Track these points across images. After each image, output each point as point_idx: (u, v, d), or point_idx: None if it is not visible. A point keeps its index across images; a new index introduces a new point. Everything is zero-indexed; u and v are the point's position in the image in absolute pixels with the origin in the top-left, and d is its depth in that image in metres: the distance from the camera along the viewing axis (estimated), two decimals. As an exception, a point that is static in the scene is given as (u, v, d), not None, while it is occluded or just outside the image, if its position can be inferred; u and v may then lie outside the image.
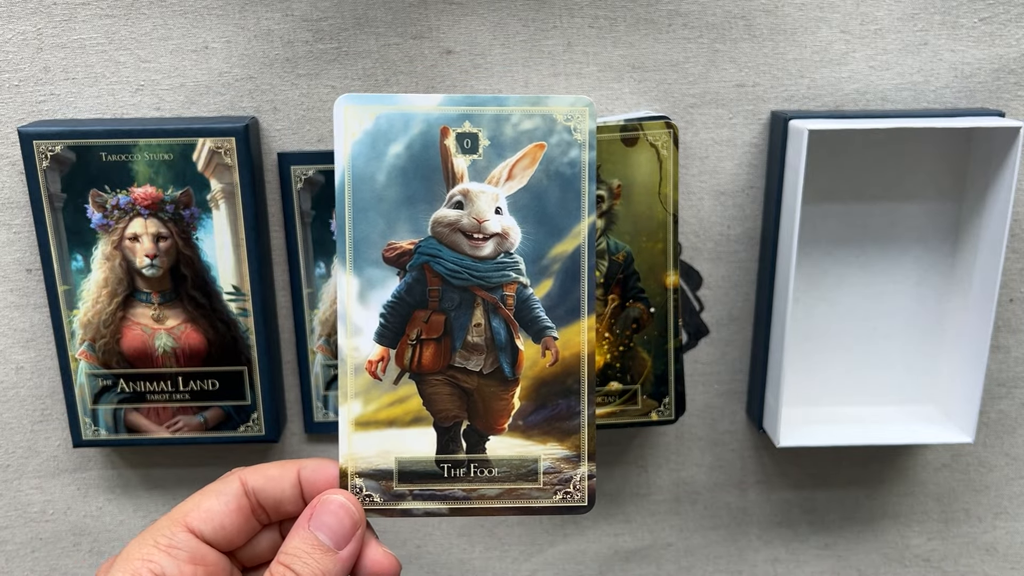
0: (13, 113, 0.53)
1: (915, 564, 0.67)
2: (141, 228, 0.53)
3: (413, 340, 0.36)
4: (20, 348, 0.58)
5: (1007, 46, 0.54)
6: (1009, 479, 0.64)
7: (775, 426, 0.56)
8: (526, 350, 0.36)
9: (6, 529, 0.62)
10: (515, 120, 0.35)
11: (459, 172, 0.35)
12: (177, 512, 0.35)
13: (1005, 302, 0.60)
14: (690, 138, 0.56)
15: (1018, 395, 0.62)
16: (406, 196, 0.35)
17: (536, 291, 0.35)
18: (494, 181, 0.35)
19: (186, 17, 0.52)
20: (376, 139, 0.35)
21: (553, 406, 0.36)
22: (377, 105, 0.35)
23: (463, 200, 0.35)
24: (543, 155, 0.35)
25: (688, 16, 0.53)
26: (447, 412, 0.36)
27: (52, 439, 0.60)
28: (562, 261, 0.35)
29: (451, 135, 0.35)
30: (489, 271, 0.35)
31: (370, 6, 0.53)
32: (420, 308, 0.36)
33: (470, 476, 0.36)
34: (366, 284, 0.35)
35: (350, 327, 0.36)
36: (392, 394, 0.36)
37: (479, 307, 0.36)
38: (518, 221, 0.35)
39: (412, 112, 0.35)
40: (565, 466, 0.36)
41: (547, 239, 0.35)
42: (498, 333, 0.36)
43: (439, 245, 0.35)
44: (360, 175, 0.35)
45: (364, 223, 0.35)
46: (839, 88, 0.55)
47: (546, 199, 0.35)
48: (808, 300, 0.59)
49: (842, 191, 0.57)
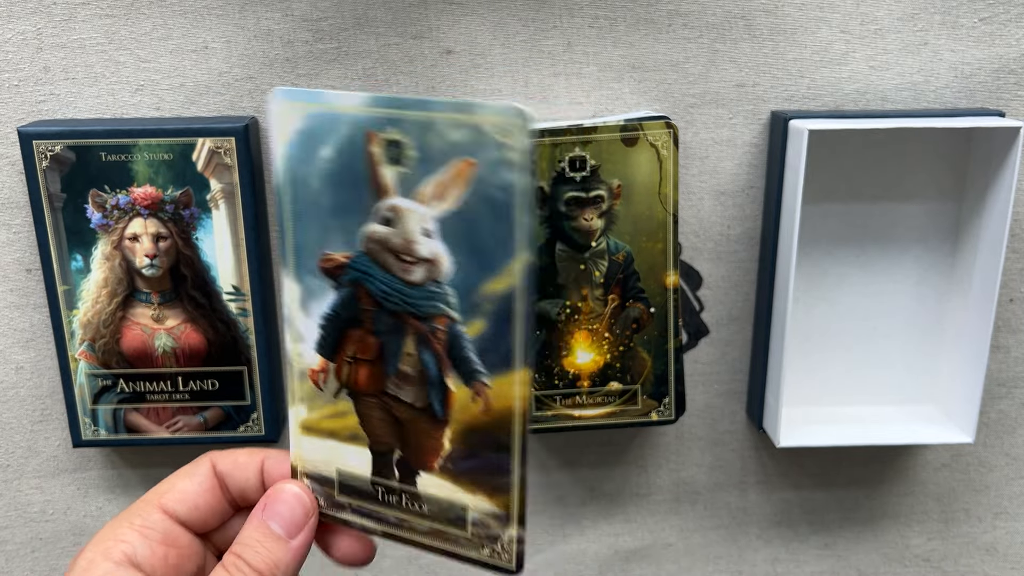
0: (13, 113, 0.53)
1: (915, 564, 0.67)
2: (141, 228, 0.53)
3: (349, 358, 0.35)
4: (20, 348, 0.58)
5: (1007, 46, 0.54)
6: (1009, 479, 0.64)
7: (775, 426, 0.56)
8: (457, 392, 0.33)
9: (6, 529, 0.62)
10: (440, 129, 0.30)
11: (386, 184, 0.32)
12: (152, 494, 0.36)
13: (1005, 302, 0.60)
14: (690, 138, 0.56)
15: (1018, 395, 0.62)
16: (338, 204, 0.32)
17: (468, 330, 0.32)
18: (423, 198, 0.31)
19: (186, 17, 0.52)
20: (309, 139, 0.32)
21: (484, 458, 0.33)
22: (307, 103, 0.32)
23: (392, 216, 0.32)
24: (474, 175, 0.30)
25: (688, 16, 0.53)
26: (380, 438, 0.35)
27: (52, 439, 0.60)
28: (495, 301, 0.31)
29: (376, 141, 0.31)
30: (419, 299, 0.33)
31: (370, 6, 0.53)
32: (354, 327, 0.34)
33: (402, 505, 0.35)
34: (307, 293, 0.34)
35: (295, 332, 0.35)
36: (333, 406, 0.35)
37: (410, 336, 0.33)
38: (449, 248, 0.32)
39: (339, 113, 0.32)
40: (493, 523, 0.34)
41: (478, 273, 0.31)
42: (428, 367, 0.33)
43: (371, 263, 0.33)
44: (296, 177, 0.33)
45: (301, 230, 0.33)
46: (839, 88, 0.55)
47: (478, 226, 0.30)
48: (808, 300, 0.59)
49: (842, 191, 0.57)
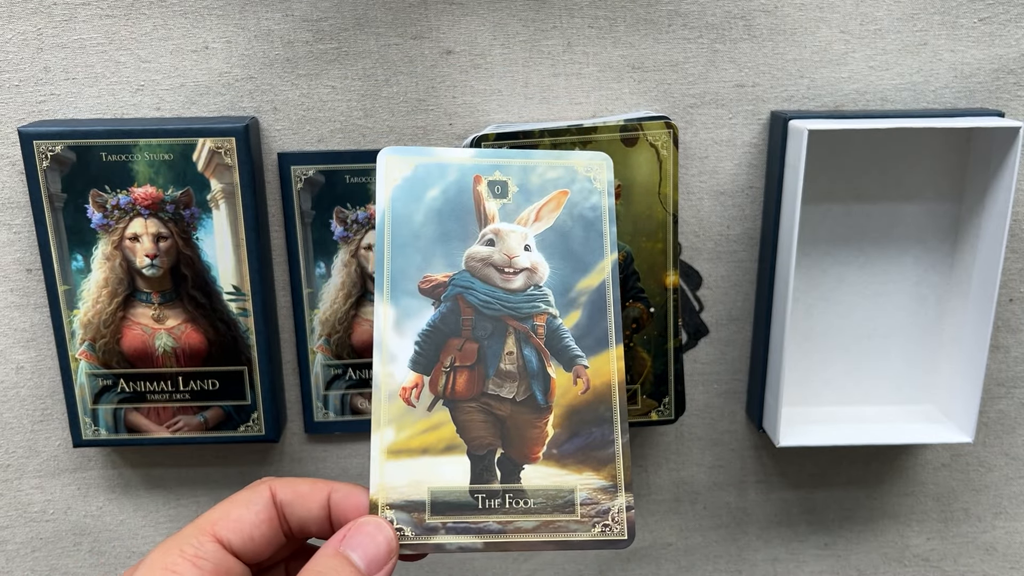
0: (13, 113, 0.54)
1: (914, 564, 0.67)
2: (141, 228, 0.53)
3: (447, 367, 0.37)
4: (20, 348, 0.58)
5: (1007, 46, 0.55)
6: (1008, 479, 0.65)
7: (775, 426, 0.56)
8: (558, 378, 0.37)
9: (6, 529, 0.62)
10: (541, 171, 0.38)
11: (491, 214, 0.38)
12: (204, 520, 0.34)
13: (1005, 302, 0.60)
14: (690, 138, 0.56)
15: (1017, 395, 0.62)
16: (442, 233, 0.38)
17: (565, 322, 0.37)
18: (523, 222, 0.38)
19: (186, 17, 0.52)
20: (415, 184, 0.38)
21: (587, 434, 0.36)
22: (416, 156, 0.38)
23: (494, 238, 0.38)
24: (567, 200, 0.38)
25: (688, 16, 0.53)
26: (481, 439, 0.36)
27: (52, 439, 0.60)
28: (588, 294, 0.37)
29: (483, 182, 0.38)
30: (520, 302, 0.37)
31: (370, 6, 0.53)
32: (454, 336, 0.37)
33: (505, 507, 0.36)
34: (402, 313, 0.37)
35: (386, 354, 0.36)
36: (426, 421, 0.36)
37: (511, 336, 0.37)
38: (546, 257, 0.38)
39: (448, 163, 0.38)
40: (602, 497, 0.36)
41: (573, 274, 0.38)
42: (530, 361, 0.37)
43: (472, 278, 0.37)
44: (399, 215, 0.38)
45: (401, 257, 0.37)
46: (839, 88, 0.55)
47: (571, 238, 0.38)
48: (808, 300, 0.59)
49: (842, 191, 0.57)
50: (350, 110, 0.54)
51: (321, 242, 0.56)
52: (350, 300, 0.56)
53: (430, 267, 0.37)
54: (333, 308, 0.57)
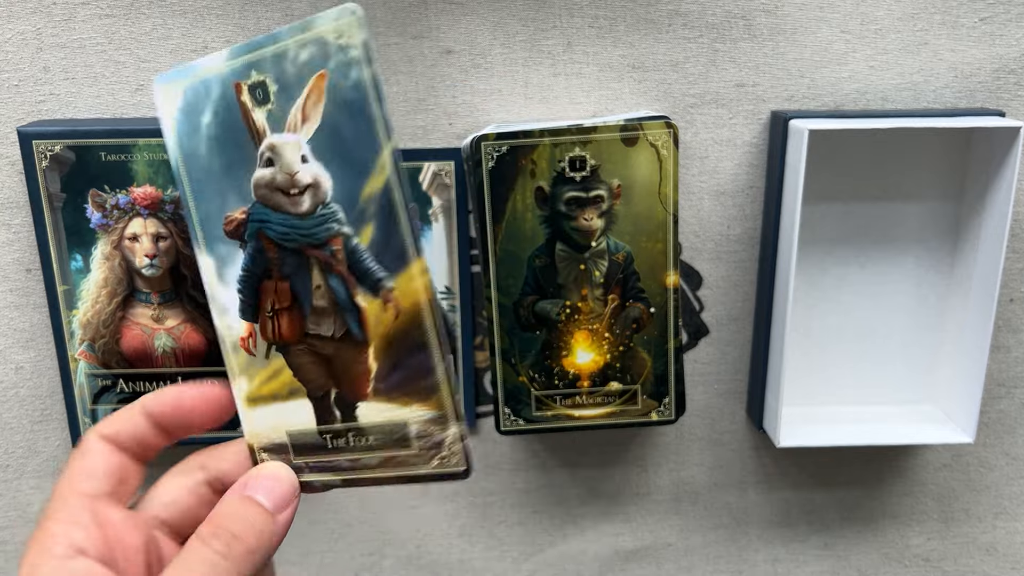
0: (12, 113, 0.53)
1: (915, 564, 0.67)
2: (141, 228, 0.53)
3: (270, 312, 0.35)
4: (20, 348, 0.58)
5: (1007, 46, 0.54)
6: (1009, 479, 0.64)
7: (775, 426, 0.56)
8: (368, 307, 0.34)
9: (6, 529, 0.62)
10: (292, 54, 0.32)
11: (260, 126, 0.33)
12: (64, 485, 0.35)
13: (1005, 302, 0.60)
14: (690, 138, 0.56)
15: (1018, 395, 0.62)
16: (226, 164, 0.34)
17: (360, 240, 0.33)
18: (292, 128, 0.33)
19: (186, 17, 0.52)
20: (189, 113, 0.33)
21: (407, 364, 0.34)
22: (182, 79, 0.33)
23: (272, 156, 0.33)
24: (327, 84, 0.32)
25: (688, 16, 0.53)
26: (314, 382, 0.36)
27: (52, 439, 0.60)
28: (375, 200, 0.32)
29: (244, 90, 0.33)
30: (312, 227, 0.34)
31: (370, 6, 0.53)
32: (267, 278, 0.35)
33: (350, 445, 0.36)
34: (219, 262, 0.35)
35: (218, 306, 0.35)
36: (267, 368, 0.36)
37: (315, 268, 0.34)
38: (324, 165, 0.33)
39: (209, 76, 0.33)
40: (434, 428, 0.35)
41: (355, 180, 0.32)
42: (338, 292, 0.34)
43: (265, 208, 0.34)
44: (187, 153, 0.34)
45: (203, 201, 0.34)
46: (839, 88, 0.55)
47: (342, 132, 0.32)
48: (808, 300, 0.59)
49: (842, 191, 0.57)
50: (350, 110, 0.54)
51: (321, 242, 0.55)
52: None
53: (227, 205, 0.34)
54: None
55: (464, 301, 0.57)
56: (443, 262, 0.57)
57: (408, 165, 0.55)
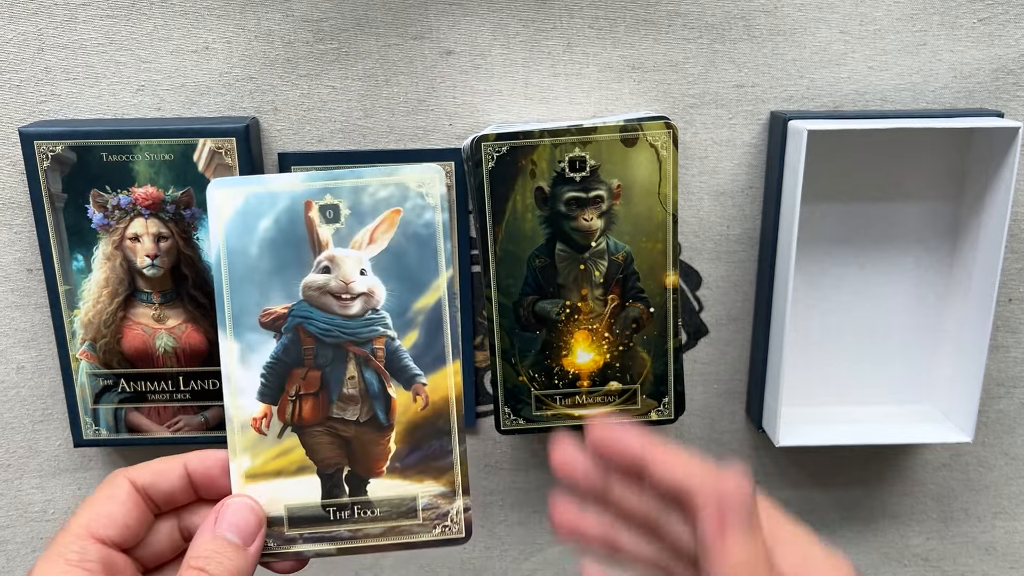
0: (14, 113, 0.54)
1: (914, 563, 0.67)
2: (142, 228, 0.53)
3: (292, 396, 0.38)
4: (21, 348, 0.58)
5: (1006, 47, 0.55)
6: (1008, 479, 0.65)
7: (774, 426, 0.56)
8: (398, 397, 0.39)
9: (7, 528, 0.62)
10: (372, 190, 0.38)
11: (324, 240, 0.38)
12: (77, 525, 0.35)
13: (1004, 302, 0.60)
14: (689, 138, 0.56)
15: (1017, 395, 0.62)
16: (278, 264, 0.38)
17: (404, 341, 0.38)
18: (357, 246, 0.38)
19: (187, 18, 0.52)
20: (247, 216, 0.38)
21: (427, 447, 0.38)
22: (246, 186, 0.38)
23: (329, 265, 0.38)
24: (400, 219, 0.38)
25: (688, 17, 0.53)
26: (328, 459, 0.39)
27: (53, 439, 0.60)
28: (425, 313, 0.38)
29: (314, 207, 0.38)
30: (358, 327, 0.38)
31: (370, 7, 0.53)
32: (297, 366, 0.38)
33: (354, 517, 0.39)
34: (246, 348, 0.38)
35: (234, 388, 0.38)
36: (277, 447, 0.39)
37: (351, 361, 0.38)
38: (382, 279, 0.38)
39: (279, 190, 0.38)
40: (442, 501, 0.39)
41: (409, 294, 0.38)
42: (371, 383, 0.39)
43: (310, 308, 0.38)
44: (234, 249, 0.38)
45: (240, 292, 0.38)
46: (838, 88, 0.55)
47: (406, 258, 0.38)
48: (807, 300, 0.59)
49: (841, 191, 0.57)
50: (350, 110, 0.54)
51: (321, 242, 0.56)
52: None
53: (268, 300, 0.38)
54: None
55: (464, 301, 0.58)
56: None
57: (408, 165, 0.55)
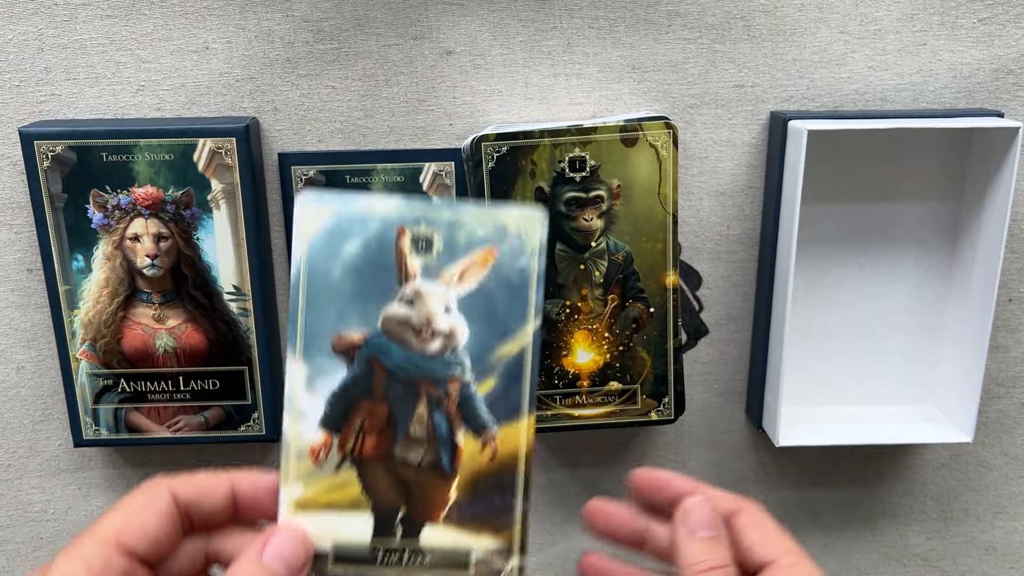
0: (14, 113, 0.54)
1: (914, 563, 0.67)
2: (142, 228, 0.53)
3: (356, 428, 0.37)
4: (21, 348, 0.58)
5: (1006, 47, 0.55)
6: (1008, 478, 0.65)
7: (774, 425, 0.56)
8: (465, 445, 0.37)
9: (7, 528, 0.62)
10: (469, 228, 0.36)
11: (412, 271, 0.36)
12: (106, 530, 0.33)
13: (1004, 302, 0.60)
14: (689, 138, 0.56)
15: (1017, 395, 0.62)
16: (359, 290, 0.36)
17: (480, 388, 0.36)
18: (446, 282, 0.36)
19: (187, 18, 0.52)
20: (334, 235, 0.36)
21: (488, 501, 0.37)
22: (337, 204, 0.36)
23: (414, 298, 0.36)
24: (494, 262, 0.36)
25: (688, 17, 0.53)
26: (385, 500, 0.37)
27: (53, 439, 0.60)
28: (506, 361, 0.36)
29: (407, 235, 0.36)
30: (434, 367, 0.36)
31: (370, 7, 0.53)
32: (365, 398, 0.37)
33: (402, 563, 0.37)
34: (315, 371, 0.36)
35: (296, 412, 0.36)
36: (333, 479, 0.37)
37: (422, 400, 0.37)
38: (467, 320, 0.36)
39: (370, 212, 0.36)
40: (496, 558, 0.37)
41: (493, 340, 0.36)
42: (439, 427, 0.37)
43: (388, 340, 0.36)
44: (315, 269, 0.36)
45: (316, 314, 0.36)
46: (838, 88, 0.55)
47: (495, 302, 0.36)
48: (807, 300, 0.59)
49: (841, 191, 0.57)
50: (350, 110, 0.54)
51: (321, 242, 0.56)
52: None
53: (345, 325, 0.36)
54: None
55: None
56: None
57: (408, 165, 0.55)
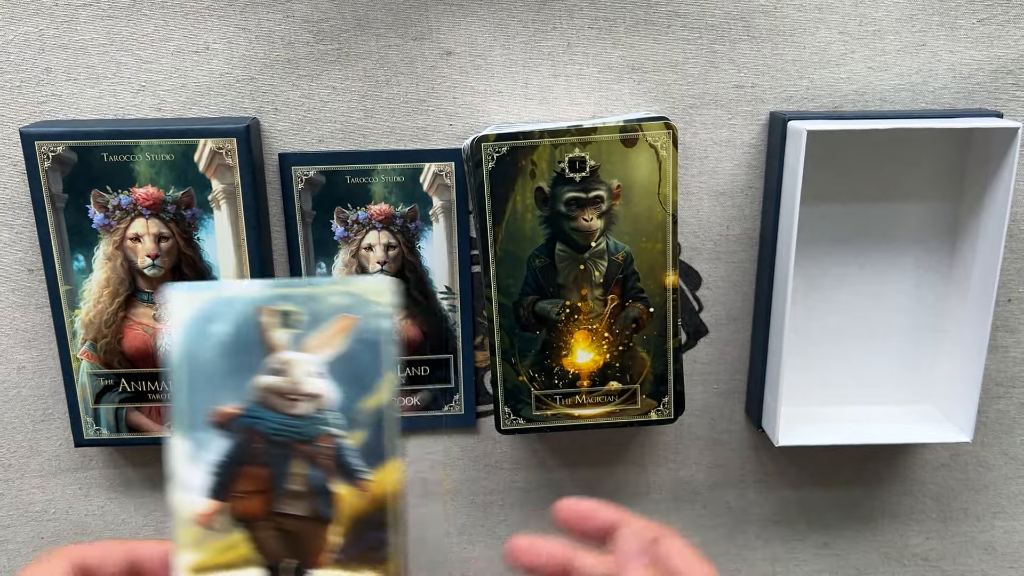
0: (15, 114, 0.54)
1: (914, 563, 0.67)
2: (143, 228, 0.53)
3: (240, 493, 0.40)
4: (22, 348, 0.58)
5: (1005, 47, 0.55)
6: (1007, 478, 0.65)
7: (774, 425, 0.57)
8: (344, 493, 0.40)
9: (8, 528, 0.62)
10: (324, 298, 0.40)
11: (278, 344, 0.40)
12: None
13: (1003, 302, 0.60)
14: (689, 139, 0.56)
15: (1016, 395, 0.62)
16: (232, 366, 0.40)
17: (351, 438, 0.40)
18: (312, 349, 0.40)
19: (187, 18, 0.52)
20: (203, 320, 0.39)
21: (366, 539, 0.40)
22: (204, 292, 0.40)
23: (282, 368, 0.40)
24: (355, 326, 0.40)
25: (687, 17, 0.54)
26: (273, 554, 0.40)
27: (54, 438, 0.60)
28: (372, 413, 0.40)
29: (269, 313, 0.40)
30: (305, 426, 0.40)
31: (370, 7, 0.53)
32: (246, 463, 0.40)
33: None
34: (196, 446, 0.40)
35: (182, 484, 0.39)
36: (224, 541, 0.40)
37: (298, 459, 0.40)
38: (335, 381, 0.40)
39: (235, 296, 0.40)
40: None
41: (359, 394, 0.40)
42: (315, 480, 0.40)
43: (261, 408, 0.40)
44: (190, 352, 0.39)
45: (192, 393, 0.40)
46: (838, 89, 0.55)
47: (357, 361, 0.40)
48: (807, 300, 0.59)
49: (841, 191, 0.57)
50: (350, 111, 0.55)
51: (322, 242, 0.56)
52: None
53: (220, 400, 0.40)
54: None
55: (464, 301, 0.58)
56: (443, 262, 0.57)
57: (409, 166, 0.55)
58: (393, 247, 0.56)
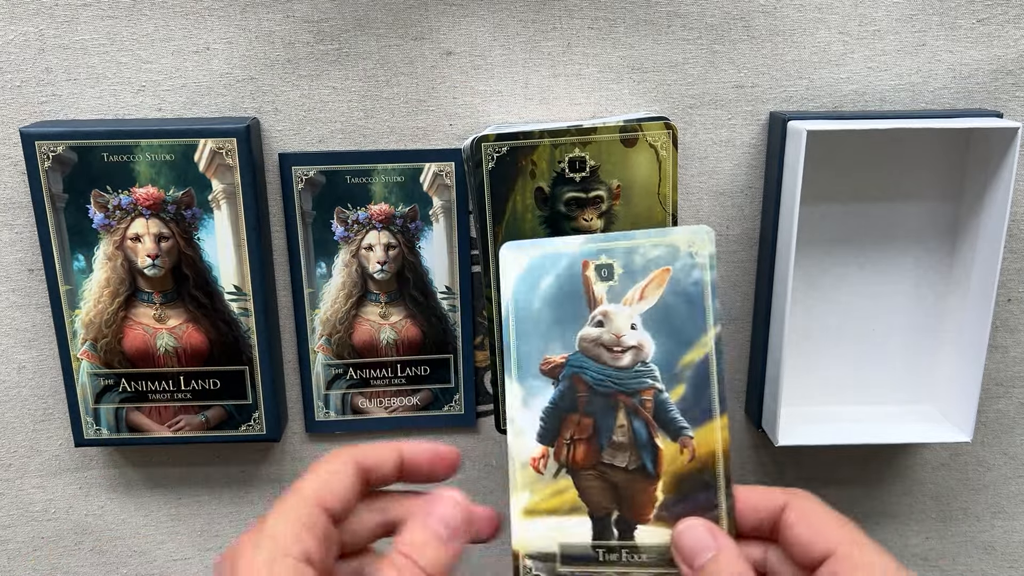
0: (15, 114, 0.54)
1: (913, 563, 0.67)
2: (143, 228, 0.53)
3: (567, 440, 0.41)
4: (22, 348, 0.58)
5: (1005, 47, 0.55)
6: (1007, 478, 0.65)
7: (774, 425, 0.57)
8: (665, 448, 0.41)
9: (8, 528, 0.62)
10: (644, 251, 0.41)
11: (599, 296, 0.41)
12: (309, 491, 0.37)
13: (1003, 302, 0.60)
14: (689, 139, 0.56)
15: (1016, 395, 0.62)
16: (557, 318, 0.42)
17: (671, 395, 0.41)
18: (628, 302, 0.41)
19: (187, 18, 0.52)
20: (531, 273, 0.42)
21: (693, 499, 0.40)
22: (531, 248, 0.42)
23: (603, 319, 0.41)
24: (669, 278, 0.41)
25: (687, 17, 0.54)
26: (599, 503, 0.41)
27: (54, 438, 0.60)
28: (692, 367, 0.40)
29: (591, 267, 0.41)
30: (628, 379, 0.41)
31: (371, 7, 0.53)
32: (572, 412, 0.41)
33: (622, 560, 0.41)
34: (528, 392, 0.42)
35: (517, 428, 0.41)
36: (553, 486, 0.41)
37: (621, 410, 0.41)
38: (651, 334, 0.41)
39: (559, 252, 0.42)
40: None
41: (677, 349, 0.41)
42: (639, 433, 0.41)
43: (585, 358, 0.41)
44: (520, 304, 0.42)
45: (524, 342, 0.42)
46: (837, 89, 0.55)
47: (675, 314, 0.41)
48: (807, 300, 0.59)
49: (841, 191, 0.57)
50: (351, 111, 0.55)
51: (322, 242, 0.56)
52: (351, 300, 0.57)
53: (548, 349, 0.42)
54: (334, 308, 0.57)
55: (464, 301, 0.58)
56: (443, 262, 0.57)
57: (409, 166, 0.55)
58: (393, 247, 0.56)
